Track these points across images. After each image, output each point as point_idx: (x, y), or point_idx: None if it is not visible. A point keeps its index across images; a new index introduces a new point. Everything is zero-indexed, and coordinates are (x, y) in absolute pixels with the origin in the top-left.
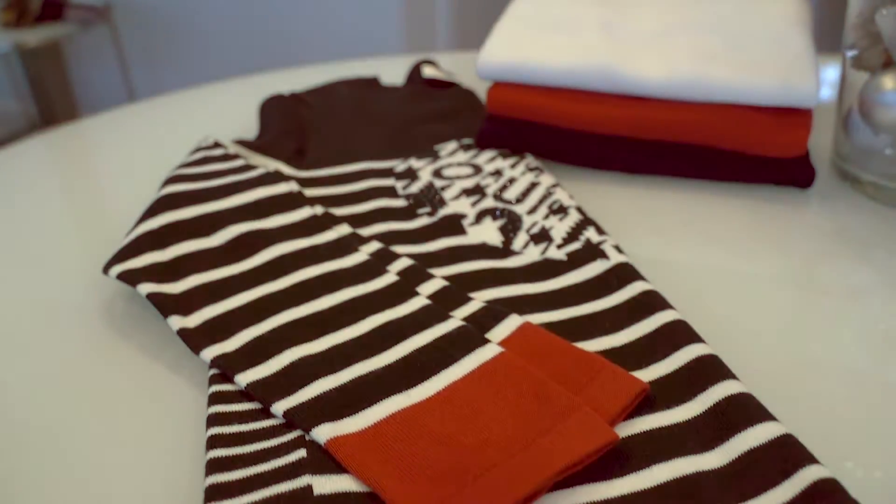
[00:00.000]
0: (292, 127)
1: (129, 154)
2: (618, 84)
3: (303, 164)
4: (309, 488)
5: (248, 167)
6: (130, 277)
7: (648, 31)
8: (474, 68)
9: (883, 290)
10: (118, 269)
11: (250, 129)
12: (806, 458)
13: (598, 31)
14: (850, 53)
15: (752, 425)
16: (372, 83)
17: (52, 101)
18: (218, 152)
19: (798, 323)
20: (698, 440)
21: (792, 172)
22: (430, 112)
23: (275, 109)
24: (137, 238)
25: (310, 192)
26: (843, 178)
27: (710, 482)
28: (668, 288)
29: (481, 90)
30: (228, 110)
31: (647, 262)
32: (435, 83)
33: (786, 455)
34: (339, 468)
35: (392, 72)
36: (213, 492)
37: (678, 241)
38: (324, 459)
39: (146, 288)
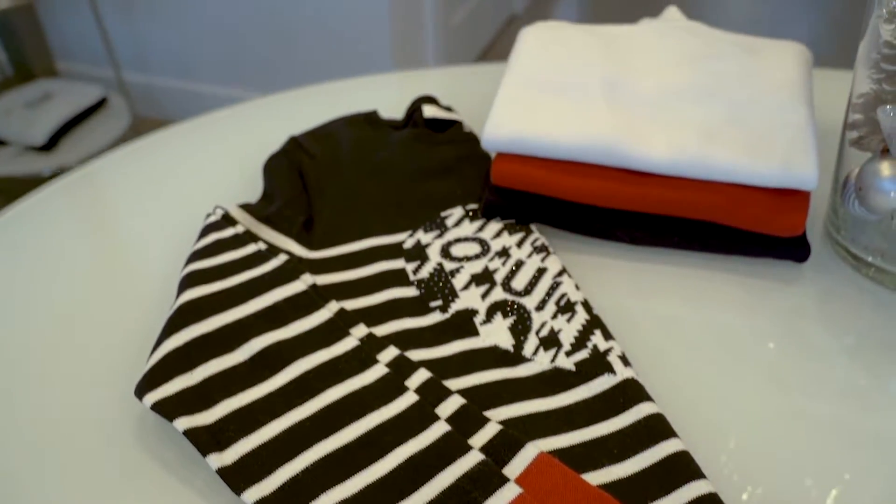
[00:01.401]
0: (297, 191)
1: (144, 199)
2: (623, 161)
3: (312, 240)
4: None
5: (261, 256)
6: (165, 410)
7: (651, 94)
8: (466, 86)
9: (851, 361)
10: (151, 398)
11: (254, 161)
12: None
13: (602, 95)
14: (851, 134)
15: None
16: (372, 121)
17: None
18: (229, 234)
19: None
20: None
21: (789, 249)
22: (435, 164)
23: (278, 171)
24: (165, 358)
25: (322, 279)
26: (834, 243)
27: None
28: (658, 362)
29: (479, 113)
30: (231, 140)
31: (643, 342)
32: (436, 122)
33: None
34: None
35: (387, 93)
36: None
37: (675, 317)
38: None
39: (182, 424)
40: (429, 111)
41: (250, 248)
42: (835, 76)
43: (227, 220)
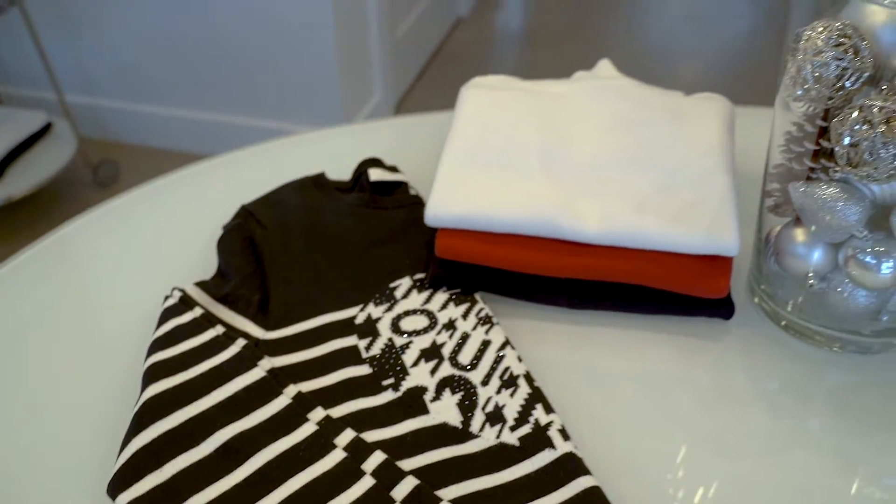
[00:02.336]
0: (251, 269)
1: (106, 272)
2: (559, 234)
3: (269, 319)
4: None
5: (219, 343)
6: None
7: (585, 164)
8: (416, 135)
9: (770, 412)
10: (124, 498)
11: (219, 219)
12: None
13: (539, 167)
14: (768, 201)
15: None
16: (320, 184)
17: None
18: (187, 319)
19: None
20: None
21: (715, 308)
22: (382, 231)
23: (232, 248)
24: (134, 456)
25: (279, 360)
26: (757, 297)
27: None
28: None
29: (428, 162)
30: (194, 200)
31: (581, 404)
32: (383, 185)
33: None
34: None
35: (339, 143)
36: None
37: (611, 375)
38: None
39: None
40: (374, 174)
41: (209, 335)
42: (761, 115)
43: (185, 303)
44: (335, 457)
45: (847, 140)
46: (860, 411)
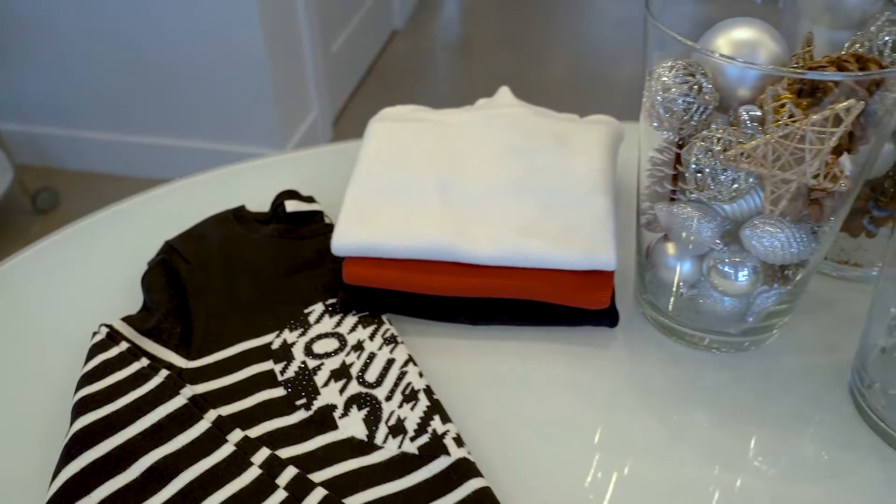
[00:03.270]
0: (173, 303)
1: (48, 300)
2: (455, 257)
3: (191, 349)
4: None
5: (144, 375)
6: None
7: (477, 193)
8: (339, 164)
9: (651, 413)
10: None
11: (146, 255)
12: None
13: (436, 197)
14: (642, 218)
15: None
16: (239, 216)
17: None
18: (114, 354)
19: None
20: None
21: (601, 317)
22: (298, 260)
23: (156, 283)
24: (64, 485)
25: (200, 388)
26: (641, 305)
27: None
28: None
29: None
30: (131, 236)
31: (479, 413)
32: (299, 215)
33: None
34: None
35: (271, 173)
36: None
37: (506, 385)
38: None
39: None
40: (290, 206)
41: (134, 367)
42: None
43: (112, 338)
44: (251, 473)
45: (693, 167)
46: (735, 405)
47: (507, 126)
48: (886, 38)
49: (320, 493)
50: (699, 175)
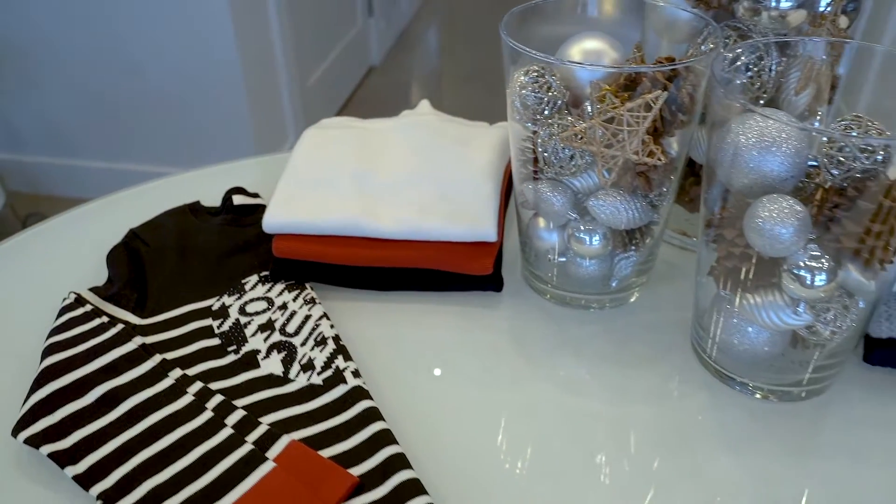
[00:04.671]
0: (132, 273)
1: (28, 286)
2: (364, 233)
3: (144, 311)
4: None
5: (103, 327)
6: (33, 442)
7: (386, 182)
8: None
9: (529, 360)
10: (23, 435)
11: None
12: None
13: (351, 186)
14: (519, 198)
15: (414, 497)
16: (194, 209)
17: None
18: (79, 312)
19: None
20: None
21: (488, 283)
22: (240, 243)
23: (118, 260)
24: (32, 407)
25: (151, 339)
26: (524, 274)
27: None
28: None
29: None
30: (93, 233)
31: (381, 360)
32: (245, 207)
33: None
34: None
35: (237, 175)
36: None
37: (407, 339)
38: None
39: (46, 449)
40: (237, 199)
41: (95, 322)
42: None
43: (79, 301)
44: (185, 400)
45: (540, 149)
46: (597, 351)
47: (416, 130)
48: (710, 45)
49: (240, 413)
50: (546, 155)
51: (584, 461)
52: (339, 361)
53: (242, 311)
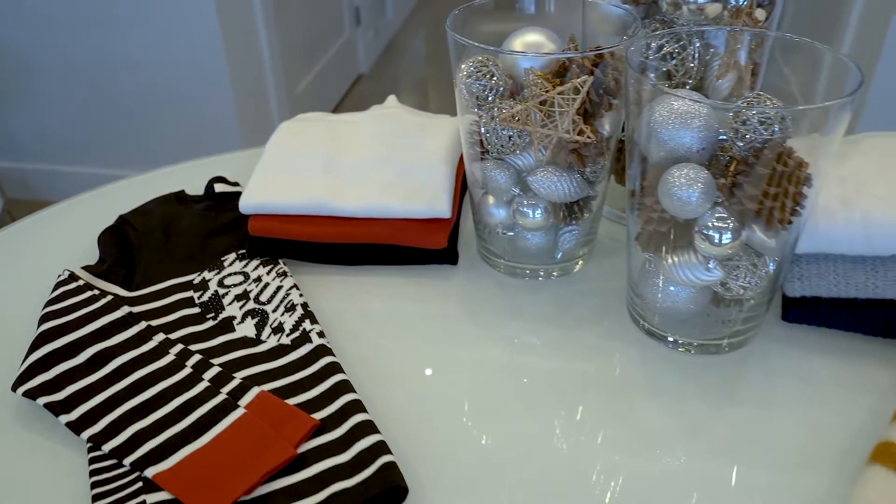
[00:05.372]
0: (121, 253)
1: (28, 268)
2: (331, 212)
3: (132, 284)
4: (143, 501)
5: (94, 298)
6: (31, 394)
7: (352, 165)
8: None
9: (478, 323)
10: (22, 389)
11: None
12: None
13: (320, 170)
14: (469, 179)
15: (367, 435)
16: (180, 198)
17: None
18: (73, 286)
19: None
20: (337, 449)
21: (444, 256)
22: (220, 225)
23: (108, 241)
24: (30, 366)
25: (137, 308)
26: (478, 249)
27: (341, 469)
28: (347, 340)
29: None
30: (90, 223)
31: (346, 326)
32: (225, 194)
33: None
34: (160, 489)
35: (221, 167)
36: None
37: (370, 309)
38: (152, 484)
39: (42, 400)
40: (218, 188)
41: (87, 294)
42: None
43: (72, 277)
44: (168, 359)
45: (483, 130)
46: (540, 314)
47: (382, 120)
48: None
49: (216, 369)
50: (488, 136)
51: (524, 409)
52: (306, 324)
53: (221, 283)
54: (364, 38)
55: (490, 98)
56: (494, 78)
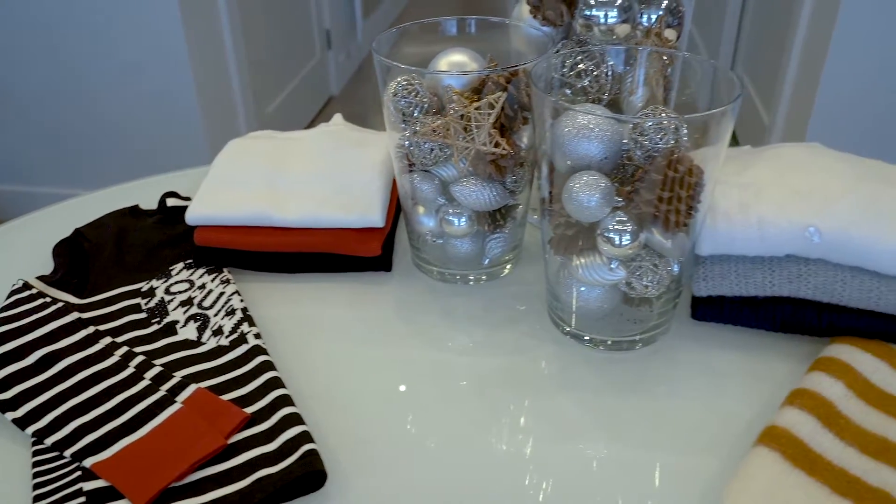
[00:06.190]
0: (75, 263)
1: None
2: (271, 222)
3: (83, 292)
4: (80, 488)
5: (46, 304)
6: None
7: (294, 179)
8: None
9: (411, 326)
10: None
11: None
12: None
13: (263, 184)
14: (400, 191)
15: (293, 426)
16: (134, 212)
17: None
18: (26, 294)
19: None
20: (265, 440)
21: (378, 264)
22: (170, 238)
23: (62, 252)
24: None
25: (87, 314)
26: (412, 257)
27: (268, 457)
28: (283, 343)
29: None
30: (48, 236)
31: (284, 330)
32: (176, 209)
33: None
34: (97, 477)
35: (175, 183)
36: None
37: (309, 315)
38: (90, 473)
39: None
40: (170, 202)
41: (39, 301)
42: None
43: (26, 286)
44: (112, 360)
45: (408, 143)
46: (467, 315)
47: (324, 137)
48: (561, 58)
49: (157, 369)
50: (412, 148)
51: (446, 403)
52: (244, 327)
53: (167, 291)
54: (336, 61)
55: (416, 114)
56: (419, 95)
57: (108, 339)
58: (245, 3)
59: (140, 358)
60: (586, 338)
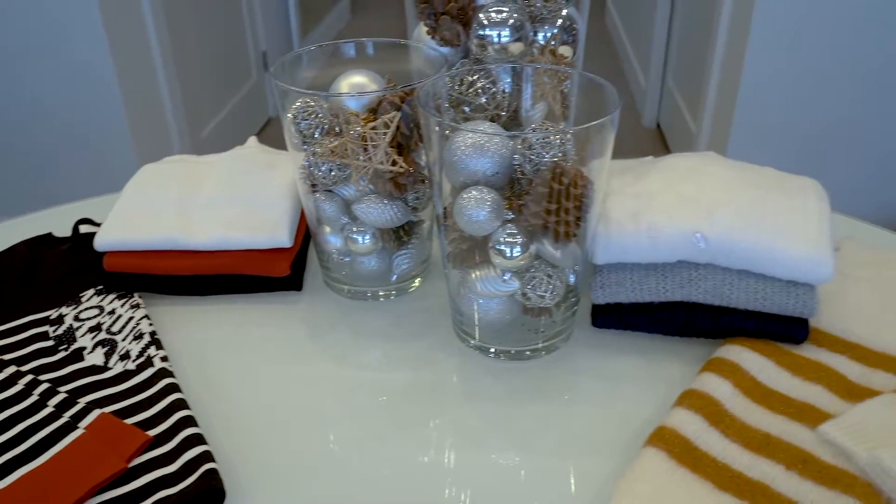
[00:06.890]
0: None
1: None
2: (180, 246)
3: None
4: None
5: None
6: None
7: (203, 202)
8: None
9: (325, 344)
10: None
11: None
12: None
13: (173, 208)
14: (306, 211)
15: (194, 447)
16: (47, 240)
17: None
18: None
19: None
20: (166, 461)
21: (288, 283)
22: (81, 264)
23: None
24: None
25: None
26: (324, 277)
27: (168, 479)
28: (190, 362)
29: None
30: None
31: (197, 353)
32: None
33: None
34: None
35: (90, 209)
36: None
37: (221, 337)
38: None
39: None
40: (83, 228)
41: None
42: None
43: None
44: (15, 389)
45: (306, 163)
46: (375, 331)
47: (236, 160)
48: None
49: (62, 396)
50: (312, 169)
51: (353, 418)
52: (151, 350)
53: (76, 318)
54: (273, 83)
55: (316, 135)
56: (319, 116)
57: (12, 369)
58: (176, 27)
59: (45, 385)
60: (491, 350)
